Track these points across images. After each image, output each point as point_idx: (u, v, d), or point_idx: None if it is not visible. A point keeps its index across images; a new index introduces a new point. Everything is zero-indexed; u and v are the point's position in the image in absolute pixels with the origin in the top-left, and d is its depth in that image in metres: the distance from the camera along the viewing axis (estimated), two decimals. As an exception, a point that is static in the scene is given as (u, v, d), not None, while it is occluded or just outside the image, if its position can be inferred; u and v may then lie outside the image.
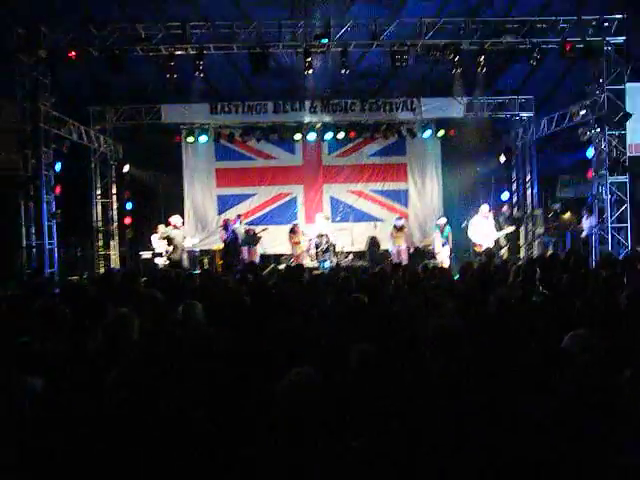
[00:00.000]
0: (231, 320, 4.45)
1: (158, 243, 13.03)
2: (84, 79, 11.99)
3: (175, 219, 12.75)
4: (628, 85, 11.11)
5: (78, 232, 14.08)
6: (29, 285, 6.97)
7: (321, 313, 4.91)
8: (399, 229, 13.84)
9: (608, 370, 2.69)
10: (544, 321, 4.06)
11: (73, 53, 10.69)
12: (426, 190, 16.48)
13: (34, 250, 10.99)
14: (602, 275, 5.16)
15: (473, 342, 3.48)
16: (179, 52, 11.16)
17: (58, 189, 11.41)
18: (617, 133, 11.32)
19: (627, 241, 11.32)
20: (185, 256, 12.70)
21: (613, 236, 11.41)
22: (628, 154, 11.34)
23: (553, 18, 11.11)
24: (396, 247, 13.74)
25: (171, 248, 12.38)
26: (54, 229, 11.46)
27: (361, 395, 2.89)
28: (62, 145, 11.79)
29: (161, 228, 13.23)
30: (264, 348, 3.61)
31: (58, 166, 11.54)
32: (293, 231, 14.00)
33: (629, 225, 11.36)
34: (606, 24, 11.05)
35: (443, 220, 13.52)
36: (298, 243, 13.86)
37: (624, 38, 10.96)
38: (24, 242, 10.84)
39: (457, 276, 7.77)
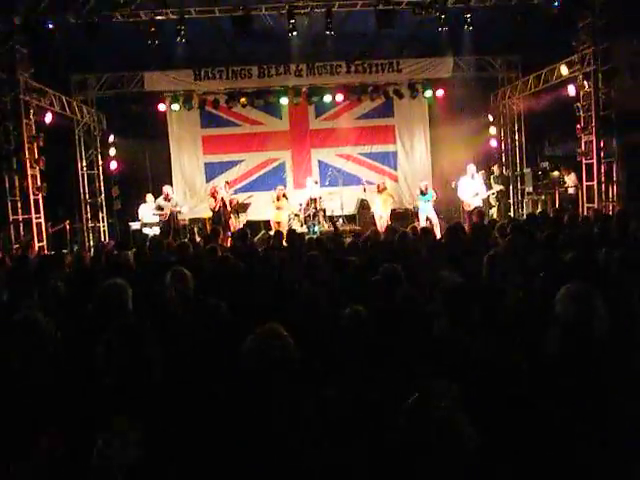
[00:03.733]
0: (220, 288, 4.48)
1: (151, 213, 12.96)
2: (63, 47, 11.66)
3: (166, 189, 12.74)
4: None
5: (65, 205, 13.96)
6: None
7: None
8: (381, 190, 13.46)
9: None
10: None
11: (50, 21, 10.41)
12: (415, 151, 16.44)
13: (21, 225, 10.90)
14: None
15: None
16: (160, 17, 10.91)
17: (42, 162, 11.24)
18: (605, 88, 11.29)
19: (615, 197, 11.39)
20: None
21: (601, 193, 11.49)
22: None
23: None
24: (379, 213, 13.41)
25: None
26: (40, 203, 11.34)
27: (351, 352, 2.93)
28: (44, 116, 11.57)
29: (149, 197, 13.20)
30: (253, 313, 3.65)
31: (41, 138, 11.34)
32: (278, 197, 13.63)
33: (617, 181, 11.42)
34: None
35: (424, 184, 13.35)
36: (280, 209, 13.46)
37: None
38: (10, 217, 10.72)
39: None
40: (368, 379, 2.66)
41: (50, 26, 10.50)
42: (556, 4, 10.92)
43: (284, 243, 7.84)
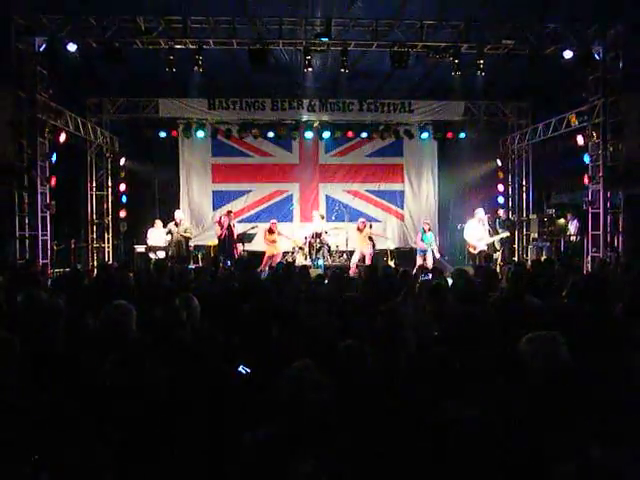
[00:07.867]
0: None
1: (160, 237, 13.07)
2: (82, 70, 11.91)
3: (177, 214, 12.91)
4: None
5: (72, 224, 14.02)
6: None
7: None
8: (360, 230, 13.41)
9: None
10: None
11: (72, 45, 10.64)
12: (422, 192, 16.54)
13: (27, 241, 10.94)
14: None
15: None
16: (178, 46, 11.13)
17: (53, 180, 11.34)
18: (613, 140, 11.39)
19: (619, 247, 11.36)
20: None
21: (606, 242, 11.47)
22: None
23: (551, 25, 11.17)
24: (360, 253, 13.30)
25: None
26: (48, 220, 11.40)
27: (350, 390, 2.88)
28: (58, 136, 11.73)
29: (158, 223, 13.30)
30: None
31: (53, 157, 11.48)
32: (270, 230, 13.63)
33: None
34: (604, 33, 11.11)
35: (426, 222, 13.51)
36: (274, 242, 13.54)
37: (621, 47, 10.99)
38: (17, 233, 10.76)
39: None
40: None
41: (72, 49, 10.72)
42: (567, 57, 11.12)
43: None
